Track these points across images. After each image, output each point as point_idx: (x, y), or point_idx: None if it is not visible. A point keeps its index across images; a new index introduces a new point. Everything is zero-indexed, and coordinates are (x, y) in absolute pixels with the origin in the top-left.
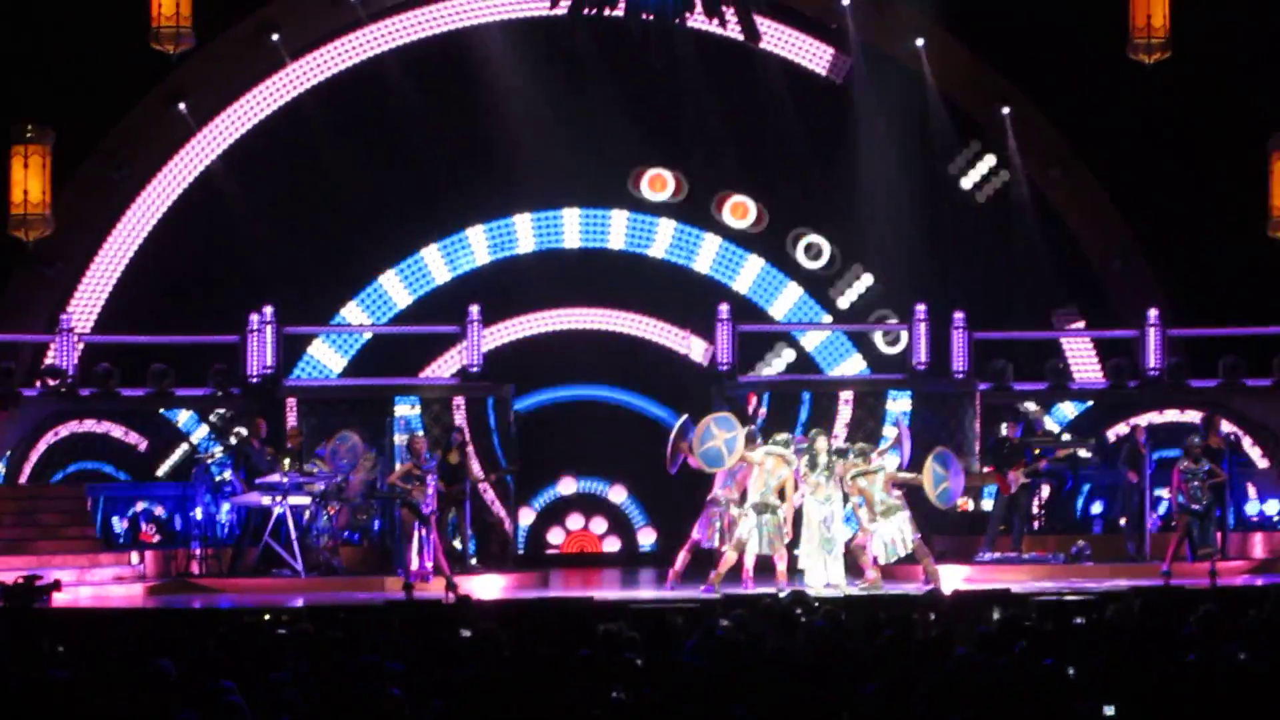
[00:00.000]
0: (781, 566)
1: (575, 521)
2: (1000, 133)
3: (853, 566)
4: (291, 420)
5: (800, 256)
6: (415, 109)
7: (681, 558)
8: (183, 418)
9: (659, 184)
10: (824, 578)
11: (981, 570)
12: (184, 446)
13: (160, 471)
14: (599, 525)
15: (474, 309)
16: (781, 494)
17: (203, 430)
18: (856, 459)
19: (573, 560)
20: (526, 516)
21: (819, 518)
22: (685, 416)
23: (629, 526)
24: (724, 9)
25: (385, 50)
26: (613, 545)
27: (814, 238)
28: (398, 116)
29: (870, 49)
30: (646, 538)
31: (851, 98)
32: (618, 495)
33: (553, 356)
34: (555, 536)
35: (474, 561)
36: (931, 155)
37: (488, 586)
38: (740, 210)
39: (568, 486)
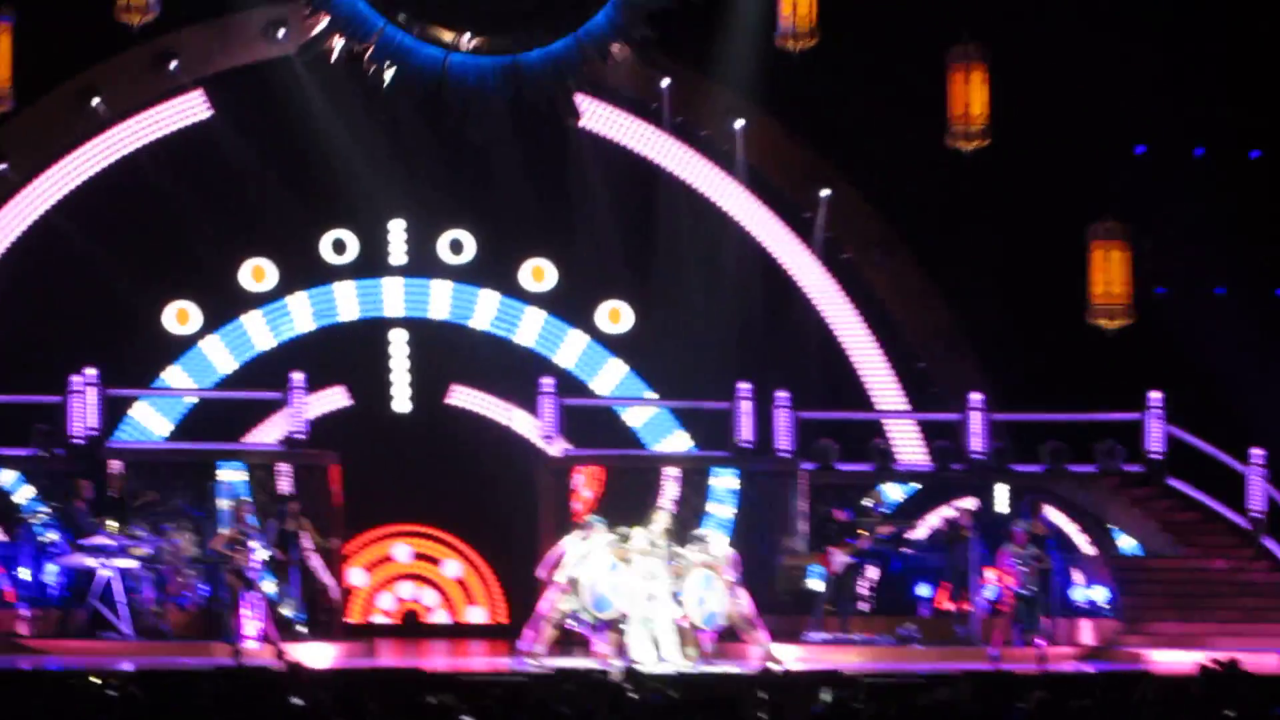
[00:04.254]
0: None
1: (406, 590)
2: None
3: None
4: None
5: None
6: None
7: (529, 634)
8: (6, 477)
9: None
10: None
11: (812, 651)
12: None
13: None
14: (430, 597)
15: (297, 376)
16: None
17: (28, 490)
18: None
19: (400, 631)
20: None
21: (644, 594)
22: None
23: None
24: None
25: (208, 118)
26: (441, 618)
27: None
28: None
29: (689, 129)
30: (477, 613)
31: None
32: (451, 570)
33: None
34: (386, 602)
35: (303, 630)
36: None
37: (315, 655)
38: (539, 273)
39: (402, 553)
